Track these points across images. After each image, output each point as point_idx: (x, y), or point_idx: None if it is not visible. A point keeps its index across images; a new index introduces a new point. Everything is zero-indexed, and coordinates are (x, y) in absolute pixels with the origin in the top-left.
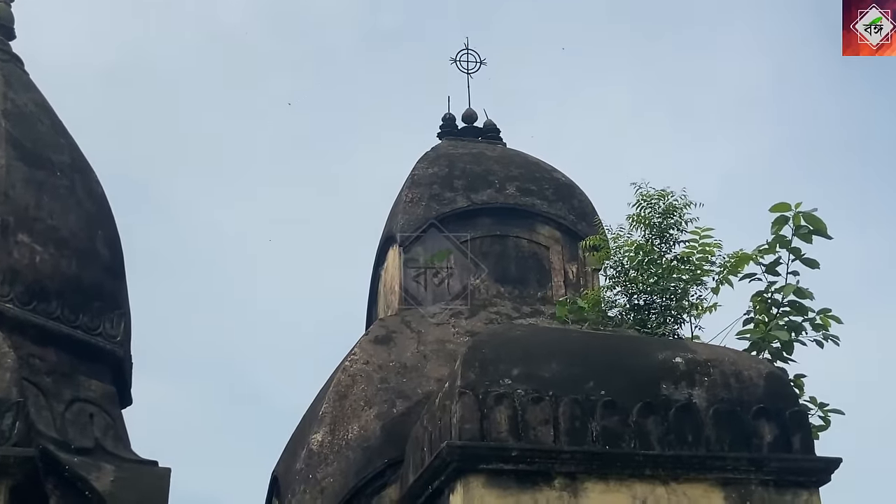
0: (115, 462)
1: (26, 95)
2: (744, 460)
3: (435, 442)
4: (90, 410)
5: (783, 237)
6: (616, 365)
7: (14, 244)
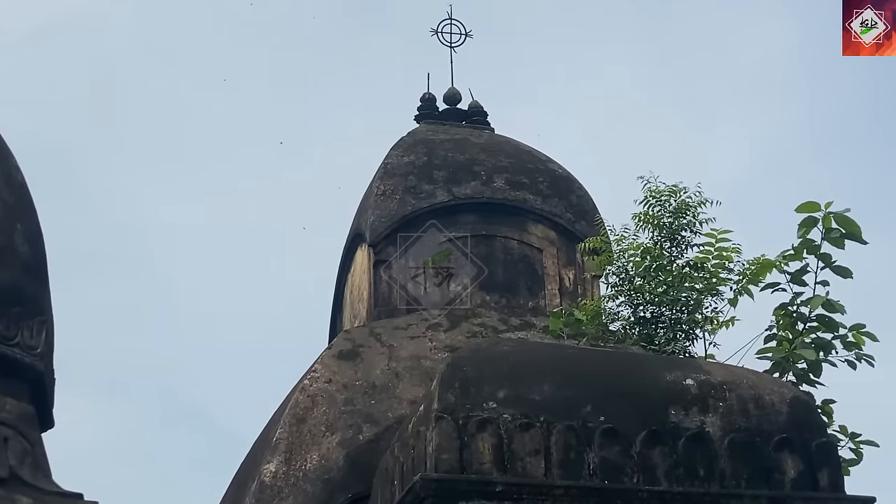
0: (34, 494)
1: None
2: (763, 499)
3: (407, 474)
4: (4, 434)
5: (811, 241)
6: (618, 387)
7: None
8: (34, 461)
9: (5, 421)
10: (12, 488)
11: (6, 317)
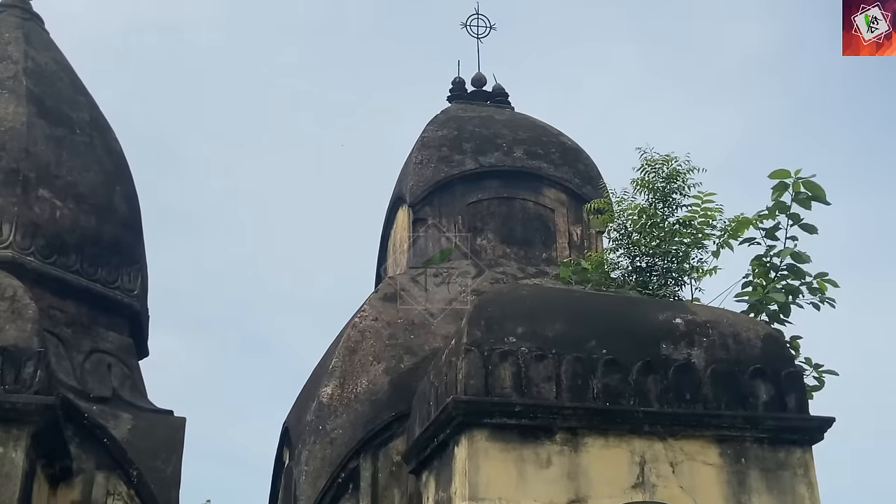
0: (132, 411)
1: (46, 54)
2: (740, 418)
3: (441, 396)
4: (108, 361)
5: (783, 203)
6: (618, 325)
7: (35, 199)
8: (132, 383)
9: (108, 350)
10: (114, 405)
11: (108, 265)
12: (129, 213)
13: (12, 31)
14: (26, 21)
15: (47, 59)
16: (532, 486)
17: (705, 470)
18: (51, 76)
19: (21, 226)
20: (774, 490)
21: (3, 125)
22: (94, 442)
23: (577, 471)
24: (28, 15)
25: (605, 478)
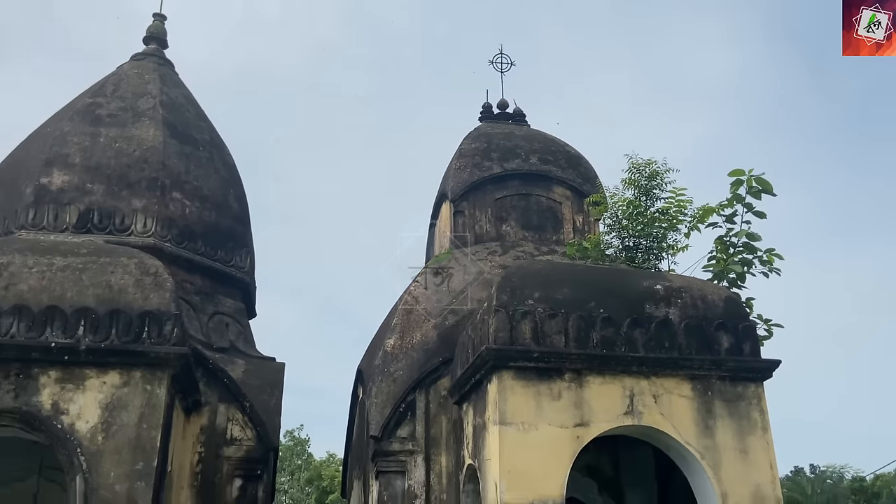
0: (245, 358)
1: (177, 90)
2: (707, 361)
3: (477, 346)
4: (226, 321)
5: (739, 195)
6: (611, 290)
7: (170, 200)
8: (245, 337)
9: (226, 312)
10: (231, 354)
11: (224, 248)
12: (240, 209)
13: (151, 74)
14: (161, 66)
15: (177, 94)
16: (547, 413)
17: (680, 401)
18: (180, 107)
19: (160, 220)
20: (734, 415)
21: (145, 144)
22: (216, 381)
23: (582, 401)
24: (162, 61)
25: (603, 407)
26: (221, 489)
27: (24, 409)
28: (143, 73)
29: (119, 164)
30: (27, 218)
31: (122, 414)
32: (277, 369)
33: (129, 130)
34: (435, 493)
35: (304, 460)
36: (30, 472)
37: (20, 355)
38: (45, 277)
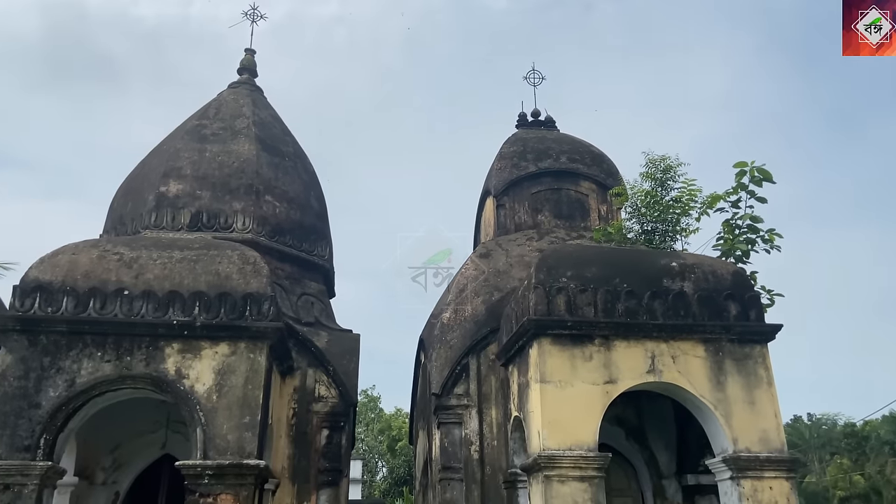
0: (327, 330)
1: (266, 111)
2: (718, 326)
3: (519, 317)
4: (311, 300)
5: (743, 183)
6: (633, 268)
7: (263, 202)
8: (327, 314)
9: (311, 293)
10: (316, 327)
11: (308, 241)
12: (320, 208)
13: (244, 99)
14: (252, 92)
15: (266, 114)
16: (580, 372)
17: (695, 360)
18: (268, 125)
19: (255, 219)
20: (742, 372)
21: (242, 157)
22: (305, 350)
23: (610, 362)
24: (253, 88)
25: (628, 367)
26: (312, 438)
27: (154, 375)
28: (238, 98)
29: (222, 173)
30: (150, 220)
31: (231, 377)
32: (354, 339)
33: (228, 146)
34: (487, 439)
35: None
36: (159, 425)
37: (149, 331)
38: (167, 268)
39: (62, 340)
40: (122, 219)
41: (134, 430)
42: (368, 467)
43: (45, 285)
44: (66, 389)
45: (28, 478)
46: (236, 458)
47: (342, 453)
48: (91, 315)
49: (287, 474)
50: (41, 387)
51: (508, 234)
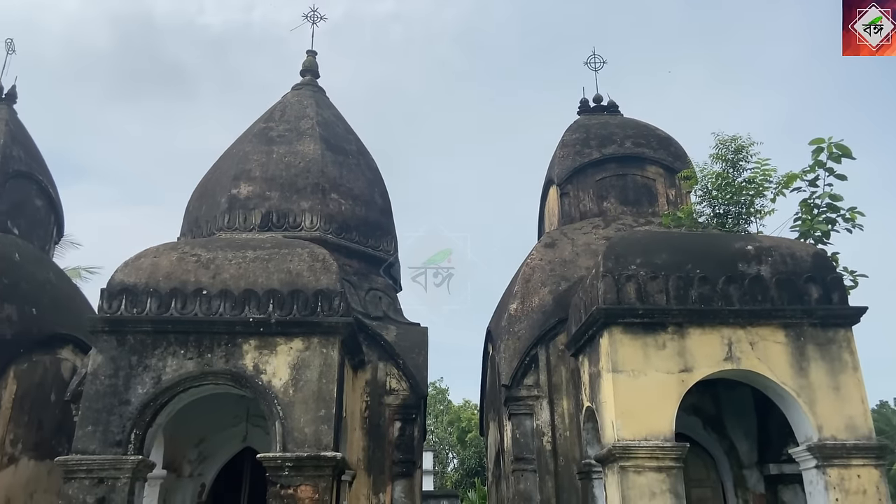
0: (395, 324)
1: (329, 111)
2: (798, 311)
3: (588, 306)
4: (379, 295)
5: (820, 161)
6: (706, 253)
7: (329, 200)
8: (394, 308)
9: (378, 288)
10: (385, 321)
11: (374, 237)
12: (384, 204)
13: (308, 100)
14: (315, 93)
15: (329, 114)
16: (653, 361)
17: (775, 346)
18: (332, 125)
19: (323, 217)
20: (826, 357)
21: (307, 157)
22: (375, 344)
23: (684, 350)
24: (316, 89)
25: (704, 354)
26: (385, 430)
27: (233, 371)
28: (301, 100)
29: (289, 174)
30: (224, 221)
31: (306, 372)
32: (422, 332)
33: (294, 147)
34: (559, 430)
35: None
36: (240, 419)
37: (228, 329)
38: (242, 267)
39: (147, 340)
40: (198, 221)
41: (217, 424)
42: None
43: (130, 287)
44: (152, 386)
45: (121, 471)
46: (314, 450)
47: (415, 445)
48: (173, 315)
49: (362, 466)
50: (130, 384)
51: (573, 222)
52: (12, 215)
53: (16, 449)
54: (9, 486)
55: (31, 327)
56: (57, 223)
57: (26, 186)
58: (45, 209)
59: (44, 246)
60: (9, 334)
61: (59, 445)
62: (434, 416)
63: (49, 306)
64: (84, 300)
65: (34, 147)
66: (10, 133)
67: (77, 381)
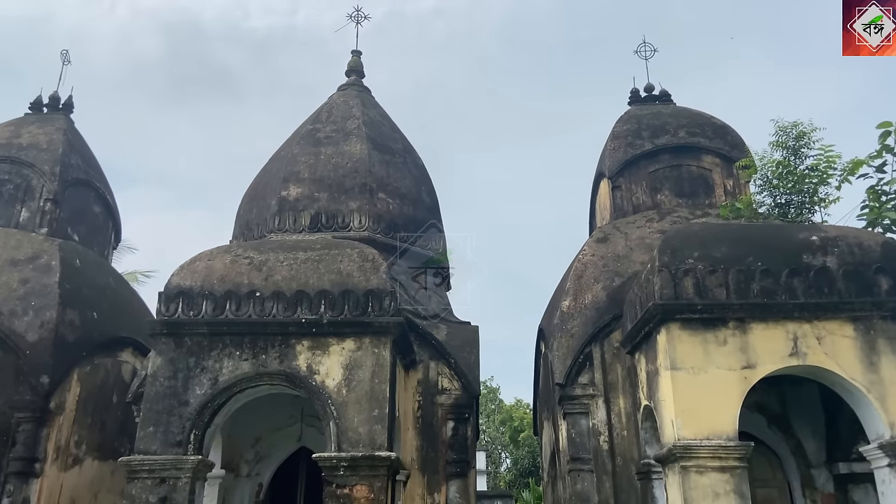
0: (446, 323)
1: (374, 111)
2: (868, 303)
3: (643, 302)
4: (429, 294)
5: (888, 146)
6: (768, 245)
7: (377, 200)
8: (444, 306)
9: (428, 287)
10: (435, 320)
11: (421, 236)
12: (431, 202)
13: (354, 100)
14: (361, 92)
15: (374, 113)
16: (714, 358)
17: (843, 341)
18: (377, 124)
19: (371, 217)
20: None
21: (354, 157)
22: (426, 343)
23: (747, 346)
24: (362, 88)
25: (768, 350)
26: (438, 430)
27: (287, 372)
28: (348, 100)
29: (337, 175)
30: (274, 224)
31: (359, 372)
32: (473, 331)
33: (341, 147)
34: (616, 429)
35: (497, 405)
36: (295, 419)
37: (281, 330)
38: (293, 269)
39: (204, 341)
40: (249, 224)
41: (272, 424)
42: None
43: (186, 290)
44: (210, 387)
45: (181, 471)
46: (368, 450)
47: (468, 445)
48: (228, 317)
49: (416, 466)
50: (188, 385)
51: (626, 216)
52: (73, 222)
53: (80, 450)
54: (74, 487)
55: (93, 331)
56: (114, 228)
57: (85, 193)
58: (102, 215)
59: (103, 251)
60: (72, 338)
61: (120, 446)
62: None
63: (109, 310)
64: (142, 304)
65: (91, 155)
66: (69, 142)
67: (137, 383)
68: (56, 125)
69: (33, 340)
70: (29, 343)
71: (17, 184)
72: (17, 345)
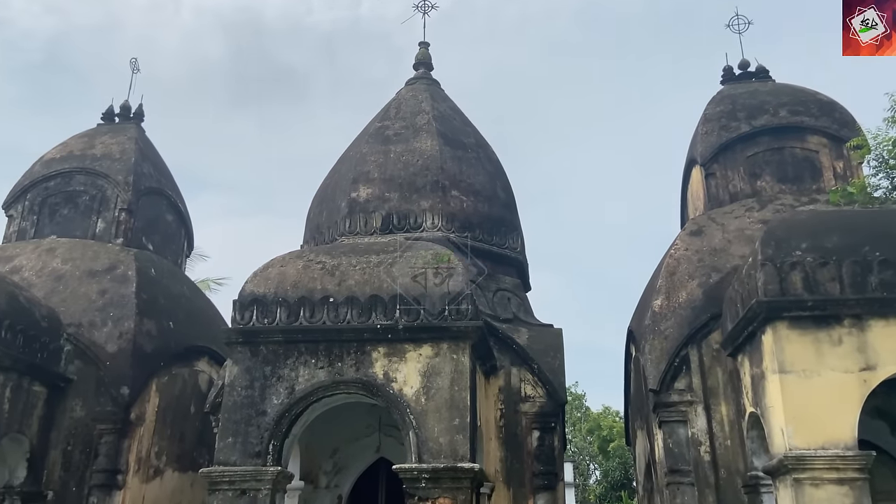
0: (527, 326)
1: (444, 104)
2: None
3: (746, 300)
4: (507, 296)
5: None
6: (887, 232)
7: (450, 198)
8: (524, 308)
9: (506, 288)
10: (515, 323)
11: (498, 234)
12: (507, 198)
13: (423, 94)
14: (430, 86)
15: (444, 107)
16: (828, 359)
17: None
18: (448, 118)
19: (444, 216)
20: None
21: (425, 154)
22: (506, 348)
23: (865, 346)
24: (431, 81)
25: (890, 349)
26: (523, 440)
27: (363, 380)
28: (416, 95)
29: (407, 173)
30: (345, 227)
31: (437, 379)
32: (556, 334)
33: (411, 144)
34: (718, 439)
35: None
36: (373, 429)
37: (356, 336)
38: (366, 273)
39: (279, 350)
40: (319, 228)
41: (350, 434)
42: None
43: (260, 298)
44: (287, 396)
45: (261, 482)
46: (450, 461)
47: (555, 455)
48: (303, 324)
49: (501, 477)
50: (265, 395)
51: (722, 205)
52: (146, 231)
53: (160, 461)
54: (155, 499)
55: (170, 341)
56: (187, 236)
57: (158, 202)
58: (175, 224)
59: (176, 260)
60: (149, 348)
61: (199, 457)
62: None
63: (184, 320)
64: (216, 312)
65: (162, 163)
66: (140, 151)
67: (215, 393)
68: (128, 134)
69: (113, 351)
70: (109, 354)
71: (93, 195)
72: (98, 356)
